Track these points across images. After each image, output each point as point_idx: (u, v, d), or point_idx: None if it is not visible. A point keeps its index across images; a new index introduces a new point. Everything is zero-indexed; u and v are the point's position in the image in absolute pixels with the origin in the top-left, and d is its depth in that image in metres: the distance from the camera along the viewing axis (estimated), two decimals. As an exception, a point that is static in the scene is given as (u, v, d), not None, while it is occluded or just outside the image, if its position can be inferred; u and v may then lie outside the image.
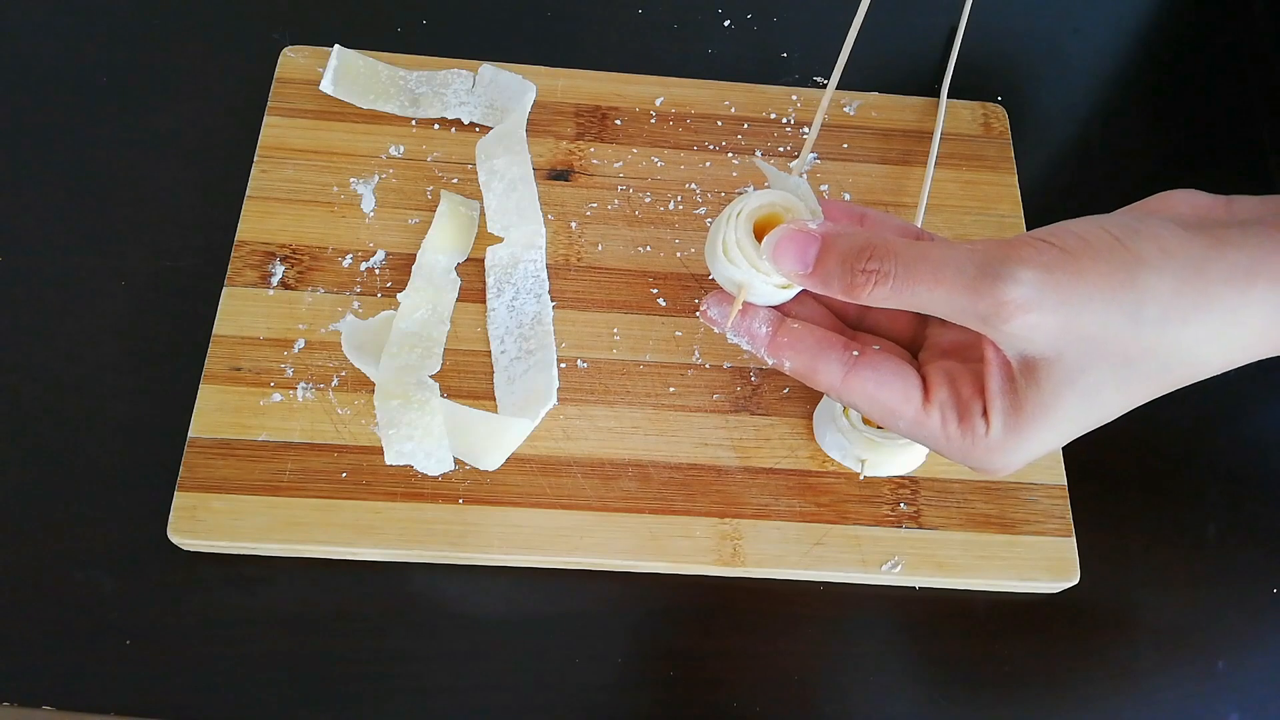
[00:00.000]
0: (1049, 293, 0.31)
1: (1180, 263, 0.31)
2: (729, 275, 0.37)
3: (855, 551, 0.45)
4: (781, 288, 0.36)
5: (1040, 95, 0.60)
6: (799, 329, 0.36)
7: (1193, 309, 0.31)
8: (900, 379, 0.35)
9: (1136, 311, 0.31)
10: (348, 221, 0.50)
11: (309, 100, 0.53)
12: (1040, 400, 0.33)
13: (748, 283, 0.36)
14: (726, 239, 0.36)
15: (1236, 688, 0.45)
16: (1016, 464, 0.35)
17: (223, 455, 0.44)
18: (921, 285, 0.32)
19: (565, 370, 0.47)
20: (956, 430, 0.34)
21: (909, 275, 0.32)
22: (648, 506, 0.45)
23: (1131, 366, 0.32)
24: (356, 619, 0.43)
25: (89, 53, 0.55)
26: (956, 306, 0.32)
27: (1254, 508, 0.49)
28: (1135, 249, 0.31)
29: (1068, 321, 0.31)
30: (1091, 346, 0.31)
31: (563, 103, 0.55)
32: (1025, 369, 0.33)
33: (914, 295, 0.32)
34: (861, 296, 0.33)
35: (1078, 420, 0.33)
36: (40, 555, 0.43)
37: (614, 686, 0.43)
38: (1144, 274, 0.31)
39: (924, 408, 0.35)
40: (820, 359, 0.36)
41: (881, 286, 0.33)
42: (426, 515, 0.44)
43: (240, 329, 0.47)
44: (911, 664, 0.44)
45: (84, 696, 0.41)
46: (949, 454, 0.35)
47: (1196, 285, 0.31)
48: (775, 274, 0.36)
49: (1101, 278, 0.31)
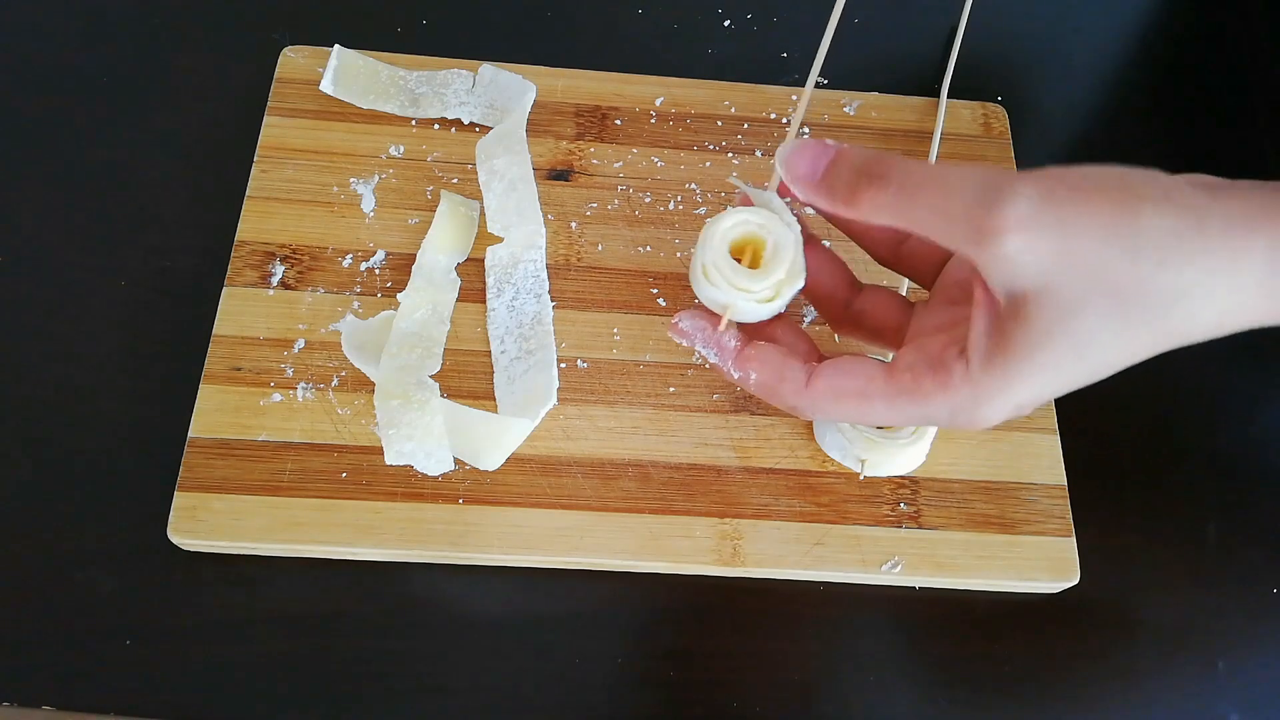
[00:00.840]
0: (1048, 212, 0.30)
1: (1181, 207, 0.30)
2: (712, 297, 0.37)
3: (855, 551, 0.45)
4: (764, 302, 0.37)
5: (1040, 95, 0.60)
6: (765, 345, 0.36)
7: (1191, 250, 0.30)
8: (861, 364, 0.35)
9: (1135, 244, 0.30)
10: (348, 221, 0.50)
11: (309, 100, 0.53)
12: (1028, 340, 0.31)
13: (731, 303, 0.37)
14: (705, 262, 0.37)
15: (1236, 688, 0.45)
16: (1002, 411, 0.33)
17: (223, 455, 0.44)
18: (923, 194, 0.32)
19: (565, 370, 0.47)
20: (932, 384, 0.33)
21: (912, 184, 0.32)
22: (648, 506, 0.45)
23: (1126, 307, 0.31)
24: (356, 619, 0.43)
25: (89, 53, 0.55)
26: (954, 221, 0.31)
27: (1254, 508, 0.49)
28: (1138, 189, 0.31)
29: (1064, 247, 0.30)
30: (1086, 280, 0.30)
31: (563, 103, 0.55)
32: (1014, 308, 0.31)
33: (914, 207, 0.32)
34: (863, 204, 0.33)
35: (1068, 368, 0.32)
36: (40, 555, 0.43)
37: (614, 686, 0.43)
38: (1145, 210, 0.30)
39: (891, 376, 0.34)
40: (785, 369, 0.36)
41: (883, 192, 0.32)
42: (426, 515, 0.44)
43: (240, 329, 0.47)
44: (911, 664, 0.44)
45: (84, 696, 0.41)
46: (934, 417, 0.34)
47: (1196, 229, 0.30)
48: (757, 290, 0.37)
49: (1102, 207, 0.30)
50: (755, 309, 0.37)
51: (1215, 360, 0.53)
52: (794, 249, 0.37)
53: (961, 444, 0.47)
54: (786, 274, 0.37)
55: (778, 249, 0.37)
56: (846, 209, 0.34)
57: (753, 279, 0.37)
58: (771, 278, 0.37)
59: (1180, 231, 0.30)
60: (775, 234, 0.37)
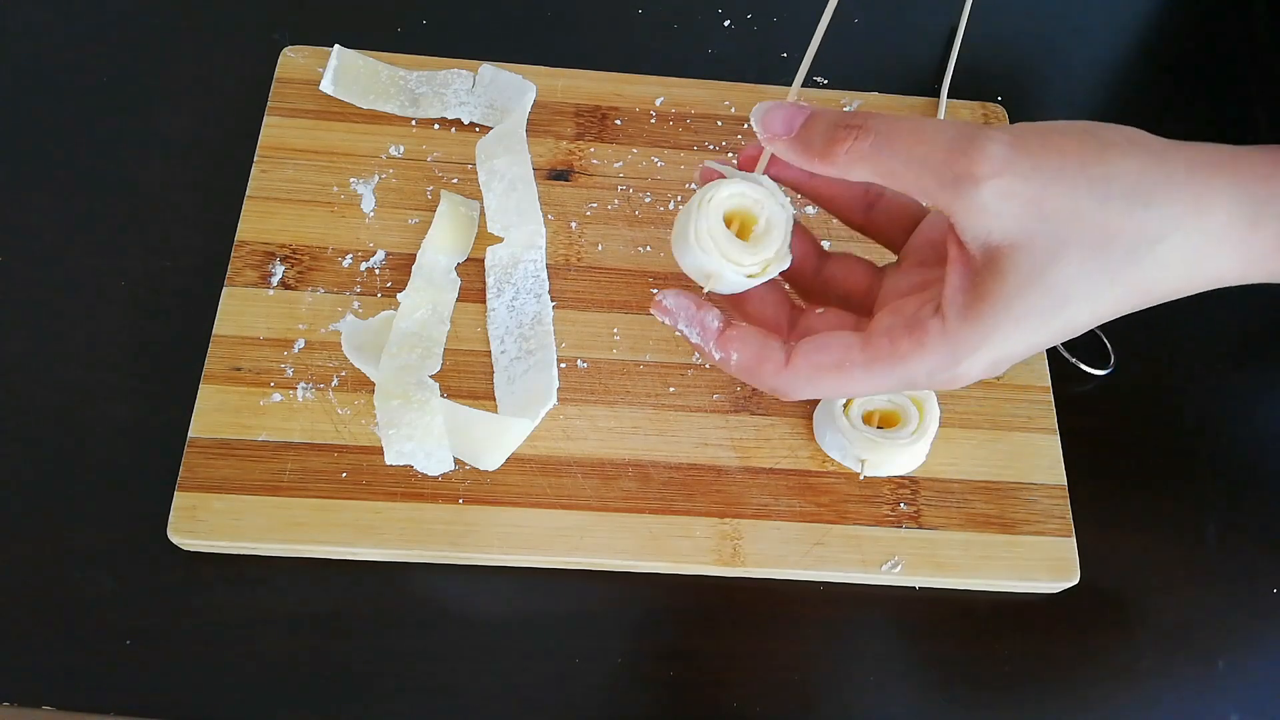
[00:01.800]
0: (1022, 158, 0.31)
1: (1147, 150, 0.32)
2: (699, 263, 0.37)
3: (855, 551, 0.45)
4: (750, 276, 0.37)
5: (1040, 95, 0.60)
6: (746, 327, 0.37)
7: (1157, 191, 0.31)
8: (836, 336, 0.35)
9: (1105, 188, 0.31)
10: (348, 221, 0.50)
11: (309, 100, 0.53)
12: (1004, 292, 0.32)
13: (717, 272, 0.37)
14: (698, 227, 0.37)
15: (1236, 688, 0.45)
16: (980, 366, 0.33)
17: (223, 455, 0.44)
18: (900, 143, 0.32)
19: (565, 370, 0.47)
20: (909, 345, 0.33)
21: (888, 134, 0.32)
22: (648, 506, 0.45)
23: (1100, 254, 0.31)
24: (356, 619, 0.43)
25: (89, 53, 0.55)
26: (930, 170, 0.32)
27: (1254, 508, 0.49)
28: (1104, 135, 0.32)
29: (1038, 194, 0.31)
30: (1060, 227, 0.31)
31: (563, 103, 0.55)
32: (989, 260, 0.32)
33: (890, 157, 0.32)
34: (839, 156, 0.33)
35: (1044, 321, 0.32)
36: (40, 555, 0.43)
37: (614, 686, 0.43)
38: (1113, 155, 0.31)
39: (867, 344, 0.34)
40: (765, 349, 0.36)
41: (861, 143, 0.33)
42: (426, 515, 0.44)
43: (240, 329, 0.47)
44: (911, 664, 0.44)
45: (84, 696, 0.41)
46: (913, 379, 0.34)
47: (1161, 170, 0.31)
48: (746, 265, 0.37)
49: (1072, 152, 0.31)
50: (739, 281, 0.37)
51: (1215, 360, 0.53)
52: (784, 228, 0.37)
53: (961, 444, 0.47)
54: (776, 253, 0.37)
55: (770, 226, 0.37)
56: (823, 163, 0.34)
57: (745, 252, 0.37)
58: (762, 254, 0.37)
59: (1147, 171, 0.31)
60: (769, 211, 0.37)
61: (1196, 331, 0.53)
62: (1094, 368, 0.51)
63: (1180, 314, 0.54)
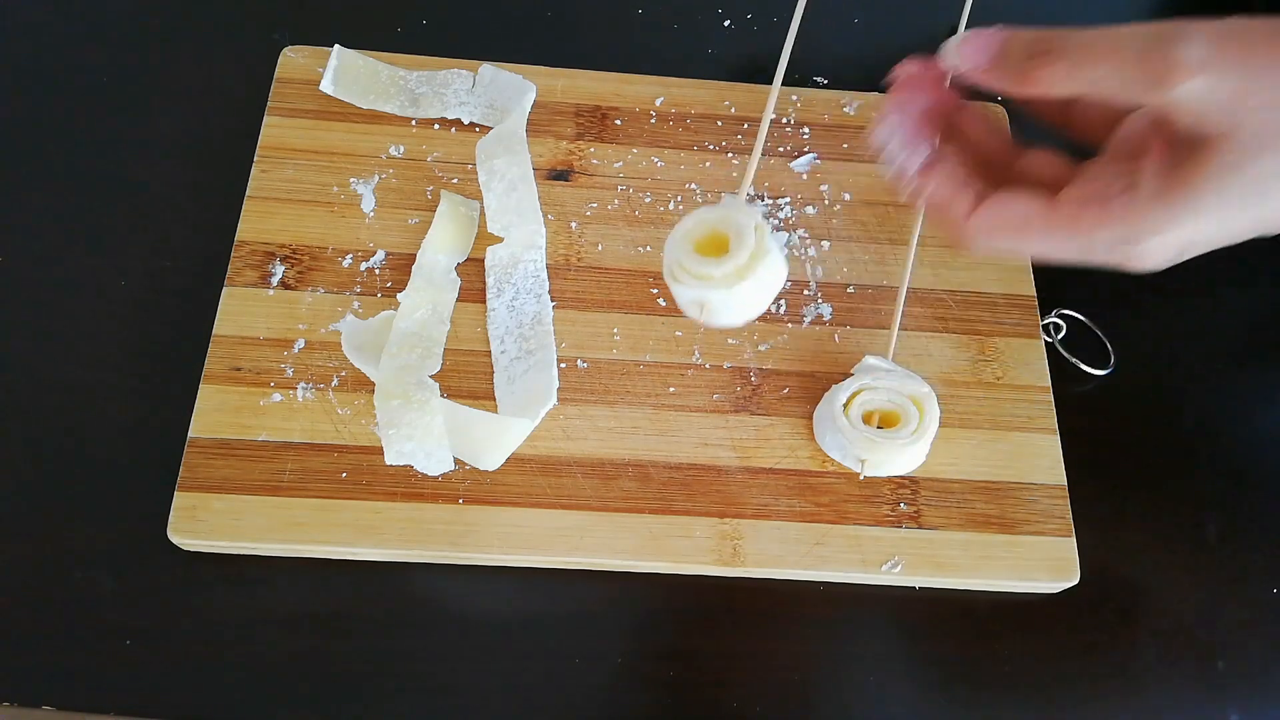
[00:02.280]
0: (1223, 54, 0.31)
1: None
2: (682, 296, 0.38)
3: (855, 551, 0.45)
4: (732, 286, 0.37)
5: (1040, 95, 0.59)
6: (952, 166, 0.37)
7: None
8: (1023, 197, 0.35)
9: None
10: (348, 221, 0.50)
11: (309, 100, 0.53)
12: (1204, 177, 0.32)
13: (705, 300, 0.37)
14: (670, 263, 0.37)
15: (1236, 688, 0.45)
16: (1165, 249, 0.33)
17: (223, 455, 0.44)
18: (1095, 58, 0.32)
19: (565, 370, 0.47)
20: (1094, 217, 0.34)
21: (1082, 52, 0.33)
22: (648, 506, 0.45)
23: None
24: (356, 619, 0.43)
25: (89, 53, 0.55)
26: (1131, 75, 0.32)
27: (1254, 508, 0.49)
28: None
29: (1243, 88, 0.30)
30: (1266, 121, 0.31)
31: (563, 103, 0.55)
32: (1192, 150, 0.32)
33: (1088, 72, 0.32)
34: (1038, 82, 0.34)
35: (1236, 212, 0.32)
36: (40, 555, 0.43)
37: (614, 686, 0.43)
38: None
39: (1052, 209, 0.35)
40: (959, 193, 0.36)
41: (1055, 66, 0.33)
42: (426, 515, 0.44)
43: (240, 329, 0.47)
44: (911, 664, 0.44)
45: (84, 696, 0.41)
46: (1092, 251, 0.35)
47: None
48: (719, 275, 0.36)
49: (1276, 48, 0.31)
50: (726, 298, 0.37)
51: (1215, 360, 0.53)
52: (755, 233, 0.37)
53: (961, 444, 0.47)
54: (749, 256, 0.37)
55: (740, 234, 0.37)
56: (1022, 88, 0.34)
57: (714, 265, 0.37)
58: (732, 262, 0.36)
59: None
60: (734, 223, 0.37)
61: (1196, 331, 0.53)
62: (1094, 368, 0.51)
63: (1180, 314, 0.54)
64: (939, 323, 0.50)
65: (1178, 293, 0.54)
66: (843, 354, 0.49)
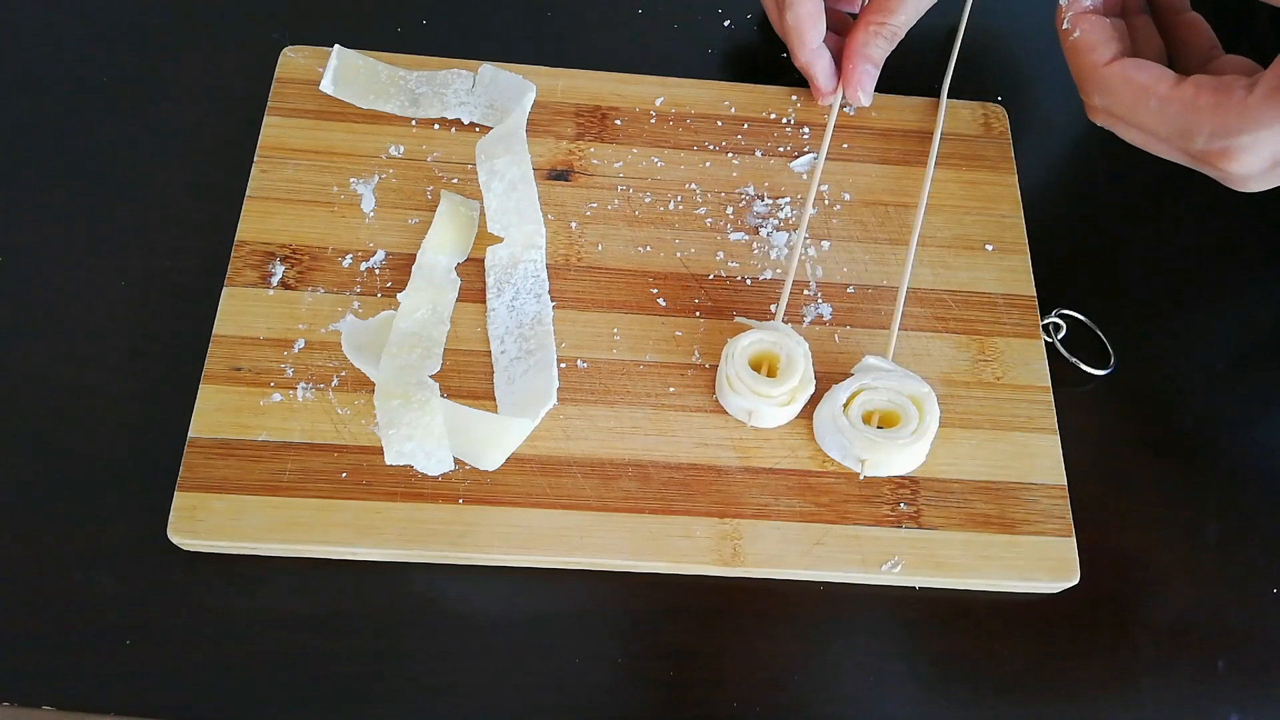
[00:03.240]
0: None
1: None
2: (736, 403, 0.45)
3: (855, 551, 0.45)
4: (782, 406, 0.45)
5: (1040, 95, 0.60)
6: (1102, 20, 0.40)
7: None
8: (1157, 67, 0.37)
9: None
10: (348, 221, 0.50)
11: (309, 100, 0.53)
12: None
13: (755, 408, 0.45)
14: (729, 374, 0.45)
15: (1236, 688, 0.45)
16: (1263, 151, 0.35)
17: (223, 455, 0.44)
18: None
19: (565, 370, 0.47)
20: (1208, 100, 0.36)
21: None
22: (648, 506, 0.45)
23: None
24: (356, 619, 0.43)
25: (89, 53, 0.55)
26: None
27: (1254, 508, 0.49)
28: None
29: None
30: None
31: (563, 103, 0.55)
32: None
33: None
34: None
35: None
36: (40, 555, 0.43)
37: (614, 686, 0.43)
38: None
39: (1176, 85, 0.36)
40: (1102, 43, 0.39)
41: None
42: (426, 515, 0.44)
43: (240, 329, 0.47)
44: (911, 664, 0.44)
45: (84, 696, 0.41)
46: (1195, 131, 0.36)
47: None
48: (774, 395, 0.44)
49: None
50: (775, 413, 0.45)
51: (1216, 361, 0.53)
52: (805, 361, 0.45)
53: (961, 444, 0.47)
54: (800, 380, 0.45)
55: (791, 360, 0.45)
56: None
57: (771, 385, 0.44)
58: (787, 384, 0.44)
59: None
60: (787, 349, 0.45)
61: (1197, 332, 0.53)
62: (1094, 368, 0.51)
63: (1180, 314, 0.54)
64: (939, 323, 0.50)
65: (1178, 293, 0.54)
66: (843, 354, 0.49)
